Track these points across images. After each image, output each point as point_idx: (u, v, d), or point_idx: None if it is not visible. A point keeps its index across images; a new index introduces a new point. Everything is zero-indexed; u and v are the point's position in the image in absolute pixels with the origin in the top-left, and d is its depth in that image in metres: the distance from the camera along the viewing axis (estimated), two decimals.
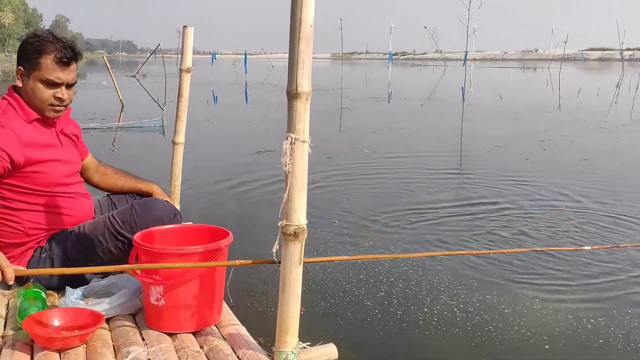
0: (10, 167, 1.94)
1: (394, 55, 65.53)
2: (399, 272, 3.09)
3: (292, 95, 1.47)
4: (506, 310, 2.64)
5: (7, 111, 2.01)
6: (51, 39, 2.03)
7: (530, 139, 8.20)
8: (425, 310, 2.64)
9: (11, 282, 1.73)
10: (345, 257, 3.08)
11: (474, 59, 69.13)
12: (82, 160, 2.35)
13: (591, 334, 2.44)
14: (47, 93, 2.03)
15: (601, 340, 2.38)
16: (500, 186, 5.21)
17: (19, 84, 2.05)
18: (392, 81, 26.57)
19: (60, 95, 2.05)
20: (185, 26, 2.85)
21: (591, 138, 8.52)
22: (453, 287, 2.90)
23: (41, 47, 2.01)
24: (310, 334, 1.73)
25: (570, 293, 2.85)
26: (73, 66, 2.08)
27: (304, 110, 1.48)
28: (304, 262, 1.57)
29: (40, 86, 2.02)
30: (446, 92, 18.63)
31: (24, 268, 1.99)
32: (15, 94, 2.06)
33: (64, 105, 2.09)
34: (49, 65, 2.01)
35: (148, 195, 2.44)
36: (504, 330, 2.46)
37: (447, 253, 3.33)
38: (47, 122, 2.10)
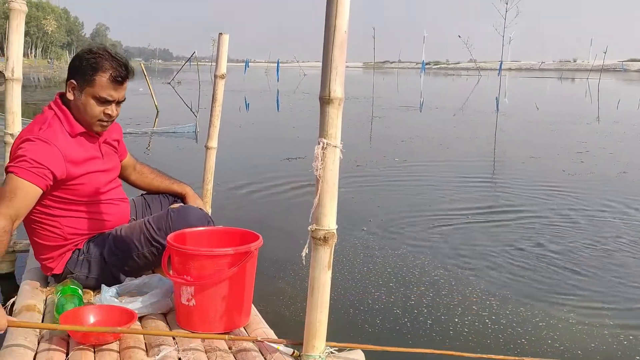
0: (52, 183, 1.98)
1: (426, 64, 65.14)
2: (429, 282, 3.06)
3: (325, 100, 1.49)
4: (540, 324, 2.59)
5: (52, 124, 2.05)
6: (107, 57, 2.05)
7: (567, 150, 8.03)
8: (456, 320, 2.61)
9: (1, 332, 1.66)
10: (371, 347, 3.05)
11: (510, 69, 68.17)
12: (121, 161, 2.39)
13: (627, 351, 2.37)
14: (97, 109, 2.06)
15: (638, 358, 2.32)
16: (534, 197, 5.12)
17: (70, 97, 2.07)
18: (424, 90, 26.41)
19: (110, 112, 2.08)
20: (221, 33, 2.91)
21: (631, 151, 8.29)
22: (486, 299, 2.86)
23: (97, 65, 2.03)
24: (338, 340, 1.74)
25: (607, 309, 2.77)
26: (125, 84, 2.11)
27: (336, 116, 1.50)
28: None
29: (91, 102, 2.05)
30: (480, 101, 18.41)
31: (16, 319, 1.80)
32: (63, 106, 2.09)
33: (111, 121, 2.13)
34: (103, 83, 2.03)
35: (181, 196, 2.49)
36: (537, 344, 2.41)
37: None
38: (91, 134, 2.13)
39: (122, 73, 2.06)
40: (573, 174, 6.30)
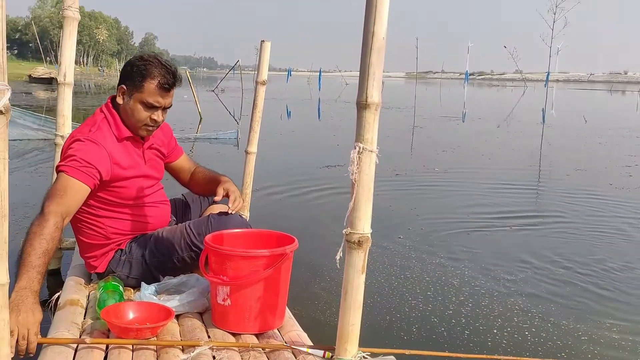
0: (99, 183, 2.06)
1: (470, 75, 64.30)
2: (469, 292, 3.02)
3: (362, 105, 1.50)
4: (582, 338, 2.52)
5: (101, 127, 2.13)
6: (157, 64, 2.11)
7: (615, 163, 7.78)
8: (495, 331, 2.56)
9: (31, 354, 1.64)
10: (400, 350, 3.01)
11: (557, 80, 66.57)
12: (173, 162, 2.46)
13: None
14: (144, 114, 2.12)
15: None
16: (579, 208, 4.98)
17: (120, 101, 2.15)
18: (468, 101, 26.06)
19: (156, 118, 2.14)
20: (263, 40, 2.96)
21: None
22: (528, 310, 2.80)
23: (146, 71, 2.09)
24: (372, 345, 1.74)
25: None
26: (172, 91, 2.17)
27: (372, 121, 1.51)
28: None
29: (139, 107, 2.11)
30: (525, 113, 18.03)
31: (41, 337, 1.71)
32: (113, 110, 2.17)
33: (157, 126, 2.19)
34: (151, 89, 2.09)
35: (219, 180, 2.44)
36: (577, 358, 2.34)
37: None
38: (136, 139, 2.20)
39: (170, 80, 2.12)
40: (621, 188, 6.10)
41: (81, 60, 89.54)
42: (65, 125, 2.75)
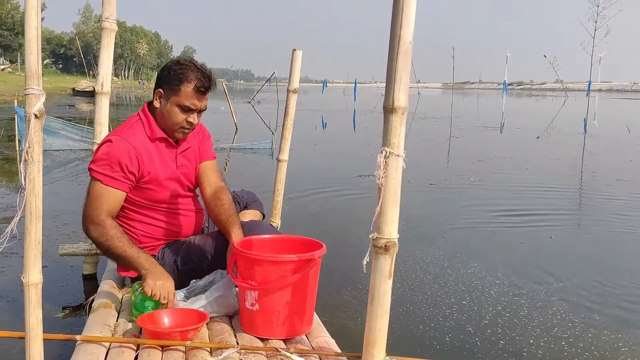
0: (134, 183, 2.13)
1: (509, 85, 63.29)
2: (506, 302, 2.95)
3: (389, 109, 1.49)
4: (623, 349, 2.43)
5: (134, 127, 2.19)
6: (193, 68, 2.16)
7: None
8: (531, 341, 2.49)
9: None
10: None
11: (599, 90, 64.80)
12: (201, 162, 2.36)
13: None
14: (180, 117, 2.17)
15: None
16: (620, 217, 4.82)
17: (157, 104, 2.20)
18: (506, 111, 25.62)
19: (191, 120, 2.18)
20: (295, 49, 2.99)
21: None
22: (568, 320, 2.72)
23: (183, 75, 2.14)
24: (403, 354, 1.71)
25: None
26: (207, 95, 2.21)
27: (399, 125, 1.50)
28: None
29: (176, 110, 2.16)
30: (566, 123, 17.59)
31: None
32: (149, 113, 2.23)
33: (192, 128, 2.23)
34: (188, 92, 2.14)
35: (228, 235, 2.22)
36: None
37: None
38: (170, 142, 2.24)
39: (206, 84, 2.16)
40: None
41: (122, 74, 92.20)
42: (102, 134, 2.83)
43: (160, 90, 2.18)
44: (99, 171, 2.07)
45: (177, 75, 2.14)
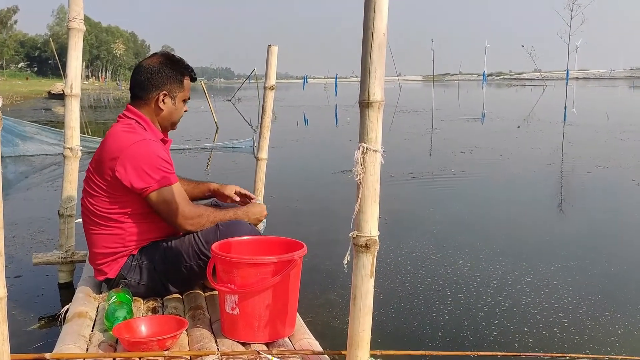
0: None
1: (488, 75, 63.75)
2: (509, 292, 2.93)
3: (365, 104, 1.45)
4: (606, 335, 2.42)
5: (140, 131, 2.13)
6: (179, 60, 2.24)
7: (637, 160, 7.59)
8: (525, 329, 2.47)
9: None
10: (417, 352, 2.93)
11: (577, 78, 65.67)
12: None
13: None
14: (182, 110, 2.26)
15: None
16: (600, 204, 4.86)
17: (163, 106, 2.19)
18: (486, 102, 25.79)
19: (186, 109, 2.28)
20: (270, 45, 2.93)
21: None
22: (568, 303, 2.71)
23: (179, 70, 2.21)
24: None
25: None
26: None
27: (376, 120, 1.45)
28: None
29: (181, 105, 2.24)
30: (545, 112, 17.76)
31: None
32: (144, 115, 2.18)
33: None
34: (187, 84, 2.25)
35: (211, 193, 2.50)
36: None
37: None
38: (164, 140, 2.23)
39: (193, 71, 2.28)
40: None
41: (99, 75, 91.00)
42: (74, 137, 2.75)
43: (164, 91, 2.19)
44: (162, 177, 2.06)
45: (175, 72, 2.20)
